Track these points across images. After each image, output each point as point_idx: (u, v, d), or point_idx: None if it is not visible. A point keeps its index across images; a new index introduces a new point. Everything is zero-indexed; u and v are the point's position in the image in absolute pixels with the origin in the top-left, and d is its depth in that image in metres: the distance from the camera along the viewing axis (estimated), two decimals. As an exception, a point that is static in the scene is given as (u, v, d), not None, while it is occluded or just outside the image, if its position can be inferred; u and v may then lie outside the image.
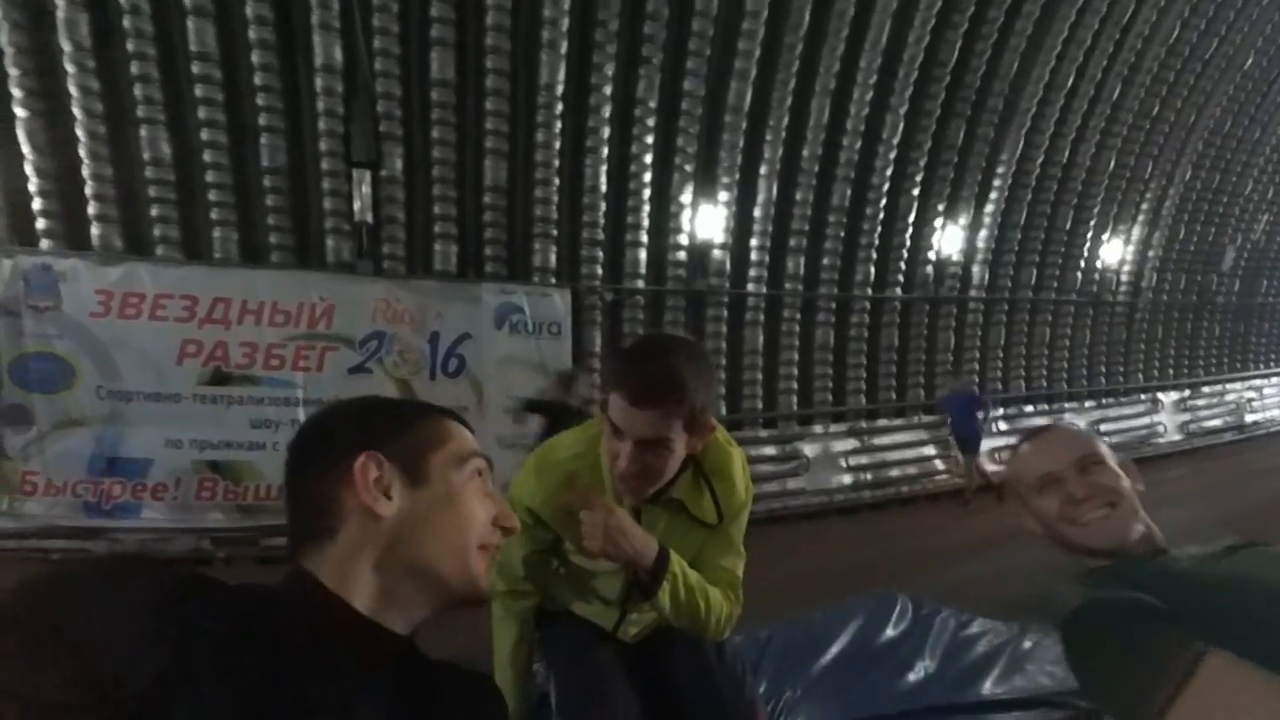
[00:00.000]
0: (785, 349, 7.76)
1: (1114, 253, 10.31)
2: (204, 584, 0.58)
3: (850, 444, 7.85)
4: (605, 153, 6.55)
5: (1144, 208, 10.41)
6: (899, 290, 8.44)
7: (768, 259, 7.52)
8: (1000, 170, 8.71)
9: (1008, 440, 8.99)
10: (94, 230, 5.37)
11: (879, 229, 8.09)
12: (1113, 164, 9.68)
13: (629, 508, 1.36)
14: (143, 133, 5.39)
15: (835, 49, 7.11)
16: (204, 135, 5.48)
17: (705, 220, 7.07)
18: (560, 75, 6.17)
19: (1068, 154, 9.20)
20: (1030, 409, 9.65)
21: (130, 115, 5.35)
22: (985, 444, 8.83)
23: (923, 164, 8.14)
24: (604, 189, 6.62)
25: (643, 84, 6.52)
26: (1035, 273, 9.52)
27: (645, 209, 6.84)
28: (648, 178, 6.78)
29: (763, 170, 7.26)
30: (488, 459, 0.77)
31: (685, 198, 6.98)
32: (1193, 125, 10.17)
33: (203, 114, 5.45)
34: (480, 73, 5.99)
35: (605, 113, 6.44)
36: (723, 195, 7.13)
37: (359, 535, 0.67)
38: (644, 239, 6.89)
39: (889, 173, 7.90)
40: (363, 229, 5.75)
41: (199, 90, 5.41)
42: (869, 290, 8.19)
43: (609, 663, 1.52)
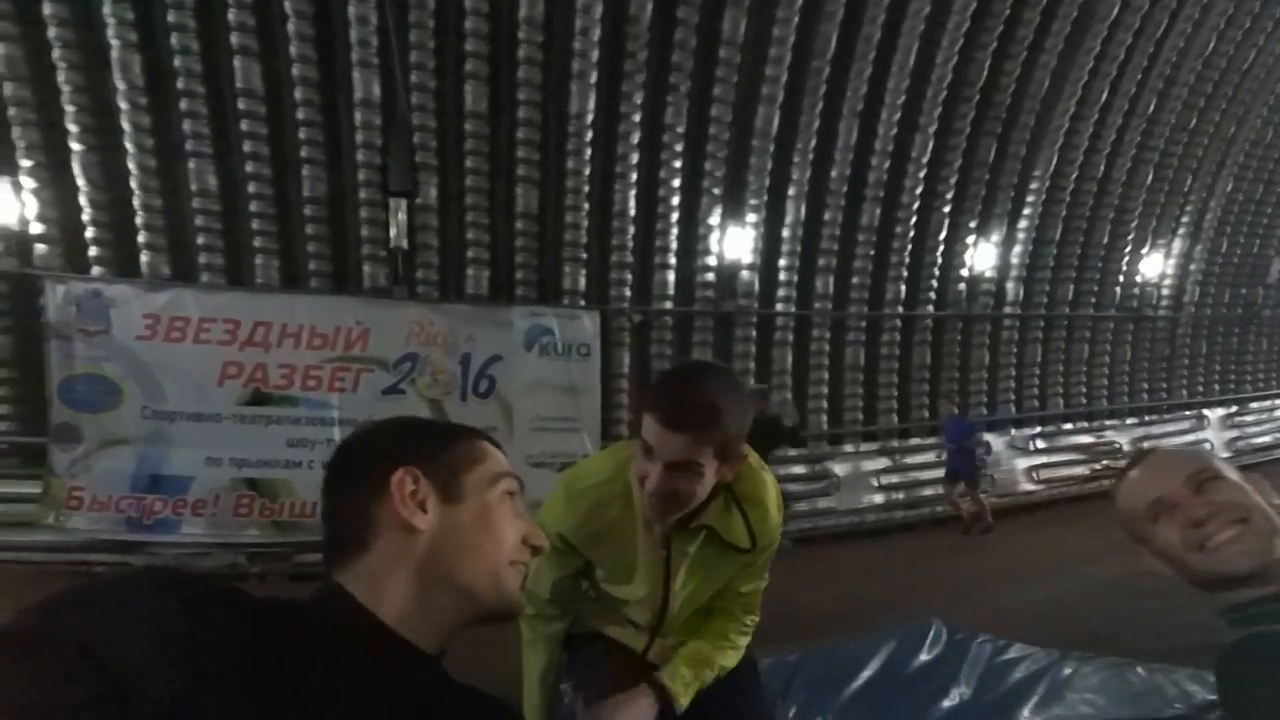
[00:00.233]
0: (815, 368, 7.72)
1: (1154, 267, 10.04)
2: (229, 597, 0.59)
3: (882, 463, 7.74)
4: (634, 178, 6.65)
5: (1184, 221, 10.14)
6: (931, 308, 8.34)
7: (796, 279, 7.51)
8: (1034, 186, 8.59)
9: (1046, 459, 8.79)
10: (143, 258, 5.63)
11: (909, 247, 8.03)
12: (1151, 177, 9.48)
13: (659, 534, 1.37)
14: (191, 165, 5.65)
15: (863, 72, 7.14)
16: (248, 167, 5.72)
17: (733, 242, 7.10)
18: (590, 104, 6.30)
19: (1103, 168, 9.04)
20: (1069, 426, 9.40)
21: (179, 149, 5.61)
22: (1022, 462, 8.67)
23: (953, 182, 8.07)
24: (633, 213, 6.72)
25: (671, 110, 6.62)
26: (1072, 288, 9.34)
27: (673, 232, 6.91)
28: (676, 201, 6.85)
29: (791, 191, 7.29)
30: (519, 479, 0.78)
31: (713, 220, 7.03)
32: (1233, 137, 9.92)
33: (248, 147, 5.70)
34: (512, 104, 6.16)
35: (634, 139, 6.55)
36: (751, 217, 7.16)
37: (393, 549, 0.68)
38: (672, 261, 6.95)
39: (919, 191, 7.85)
40: (398, 255, 5.91)
41: (244, 125, 5.66)
42: (900, 308, 8.11)
43: (636, 684, 1.52)
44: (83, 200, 5.48)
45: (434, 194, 6.11)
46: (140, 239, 5.61)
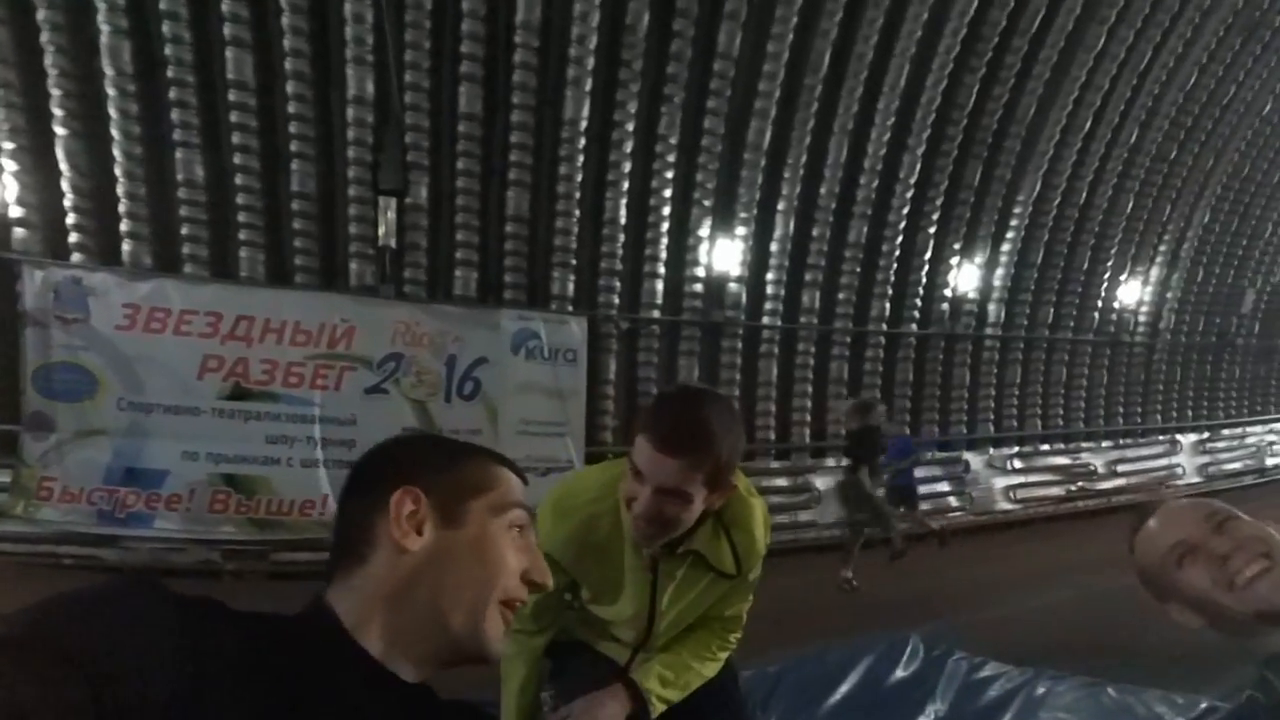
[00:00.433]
0: (799, 381, 7.78)
1: (1132, 293, 10.26)
2: (218, 608, 0.58)
3: (862, 478, 7.76)
4: (626, 186, 6.67)
5: (1162, 249, 10.38)
6: (914, 326, 8.44)
7: (784, 292, 7.58)
8: (1017, 210, 8.75)
9: (1024, 479, 8.91)
10: (125, 247, 5.54)
11: (895, 265, 8.14)
12: (1131, 205, 9.69)
13: (647, 556, 1.37)
14: (178, 155, 5.57)
15: (854, 91, 7.24)
16: (237, 160, 5.66)
17: (722, 253, 7.15)
18: (584, 111, 6.32)
19: (1085, 195, 9.23)
20: (1046, 447, 9.56)
21: (167, 139, 5.54)
22: (1000, 481, 8.77)
23: (939, 203, 8.20)
24: (623, 220, 6.74)
25: (665, 120, 6.67)
26: (1052, 312, 9.50)
27: (664, 241, 6.94)
28: (667, 210, 6.89)
29: (780, 206, 7.36)
30: (529, 511, 0.76)
31: (703, 230, 7.08)
32: (1211, 169, 10.18)
33: (237, 139, 5.64)
34: (507, 107, 6.16)
35: (627, 147, 6.58)
36: (740, 229, 7.21)
37: (384, 567, 0.66)
38: (661, 270, 6.98)
39: (906, 211, 7.97)
40: (386, 254, 5.87)
41: (235, 117, 5.61)
42: (884, 325, 8.20)
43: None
44: (65, 186, 5.39)
45: (425, 194, 6.08)
46: (123, 227, 5.52)
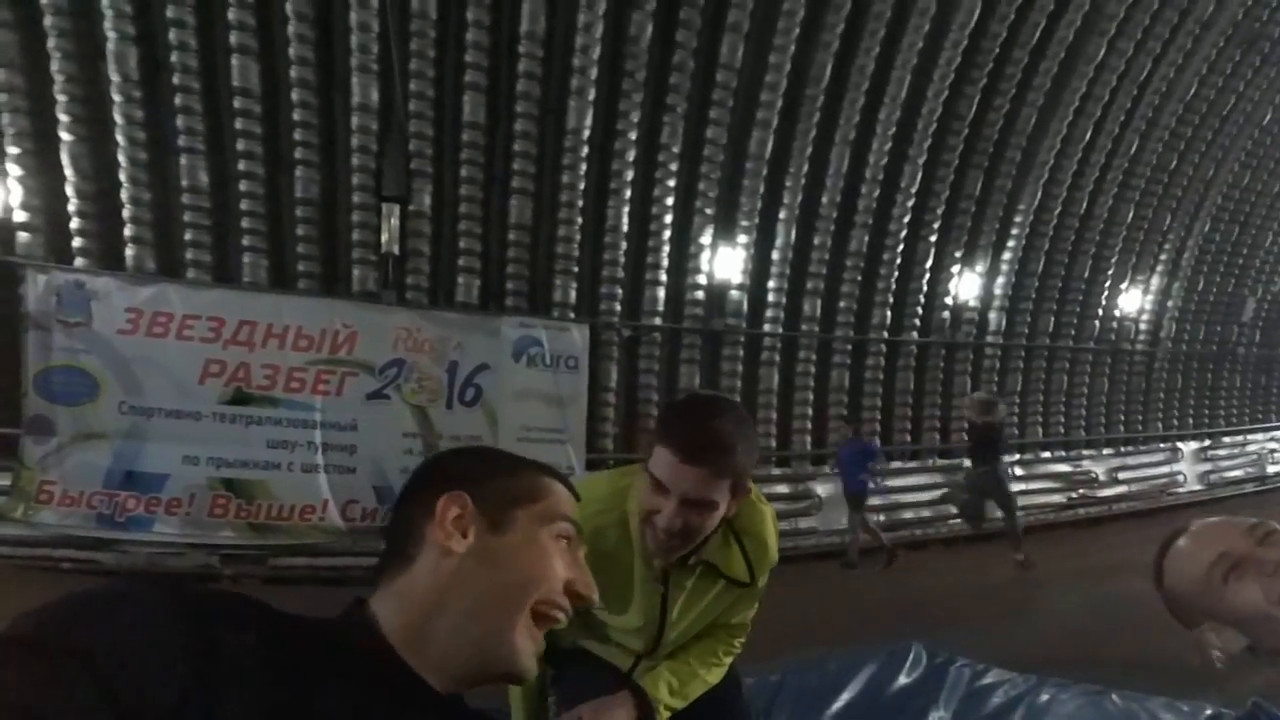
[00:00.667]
0: (800, 389, 7.77)
1: (1132, 302, 10.27)
2: (239, 608, 0.57)
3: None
4: (628, 194, 6.69)
5: (1163, 258, 10.40)
6: (915, 334, 8.45)
7: (785, 300, 7.58)
8: (1018, 219, 8.77)
9: (1024, 486, 8.87)
10: (128, 251, 5.55)
11: (896, 274, 8.15)
12: (1131, 215, 9.72)
13: (657, 568, 1.35)
14: (182, 161, 5.60)
15: (855, 101, 7.28)
16: (241, 165, 5.69)
17: (724, 261, 7.16)
18: (587, 120, 6.35)
19: (1086, 204, 9.26)
20: (1047, 455, 9.54)
21: (171, 144, 5.56)
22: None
23: (940, 212, 8.22)
24: (625, 228, 6.75)
25: (667, 130, 6.70)
26: (1053, 320, 9.51)
27: (665, 249, 6.96)
28: (669, 219, 6.91)
29: (782, 215, 7.37)
30: (578, 527, 0.75)
31: (705, 239, 7.09)
32: (1211, 179, 10.21)
33: (241, 145, 5.66)
34: (510, 116, 6.19)
35: (630, 156, 6.61)
36: (742, 238, 7.23)
37: (428, 569, 0.67)
38: (663, 278, 6.99)
39: (907, 220, 7.99)
40: (389, 260, 5.89)
41: (239, 123, 5.63)
42: (885, 333, 8.21)
43: None
44: (69, 190, 5.41)
45: (428, 201, 6.10)
46: (126, 231, 5.54)
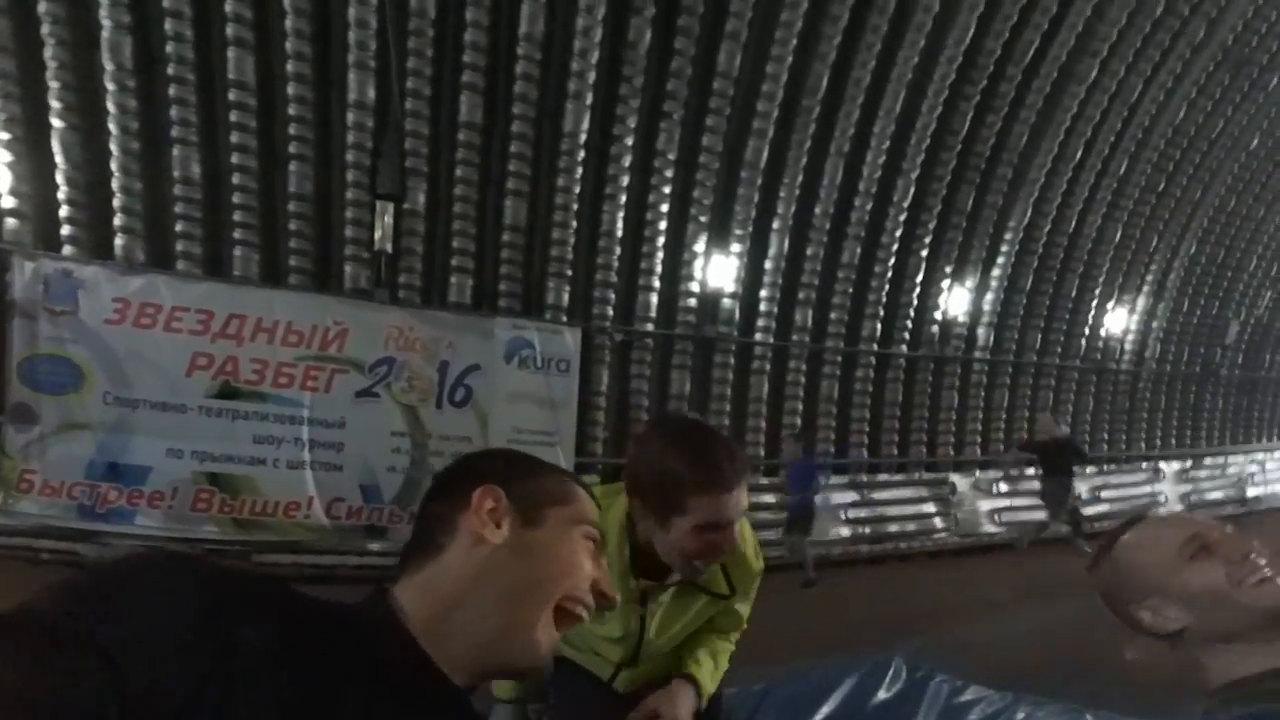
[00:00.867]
0: (790, 399, 7.81)
1: (1118, 322, 10.39)
2: (261, 593, 0.56)
3: (850, 496, 7.82)
4: (623, 199, 6.71)
5: (1149, 279, 10.53)
6: (904, 347, 8.51)
7: (777, 310, 7.62)
8: (1008, 236, 8.86)
9: (1009, 501, 8.95)
10: (118, 241, 5.50)
11: (887, 287, 8.21)
12: (1119, 235, 9.84)
13: (636, 589, 1.38)
14: (175, 152, 5.56)
15: (850, 114, 7.34)
16: (234, 159, 5.65)
17: (717, 269, 7.19)
18: (584, 124, 6.36)
19: (1075, 224, 9.36)
20: (1031, 472, 9.59)
21: (164, 135, 5.52)
22: (985, 504, 8.81)
23: (932, 226, 8.30)
24: (620, 233, 6.77)
25: (663, 137, 6.72)
26: (1040, 337, 9.60)
27: (659, 255, 6.98)
28: (663, 225, 6.93)
29: (775, 224, 7.42)
30: (603, 534, 0.78)
31: (699, 246, 7.12)
32: (1198, 201, 10.36)
33: (235, 138, 5.63)
34: (507, 118, 6.20)
35: (626, 162, 6.63)
36: (735, 246, 7.26)
37: (459, 558, 0.68)
38: (656, 284, 7.01)
39: (899, 233, 8.05)
40: (382, 258, 5.87)
41: (234, 116, 5.60)
42: (875, 346, 8.26)
43: (604, 710, 1.52)
44: (59, 178, 5.36)
45: (422, 199, 6.09)
46: (116, 221, 5.49)
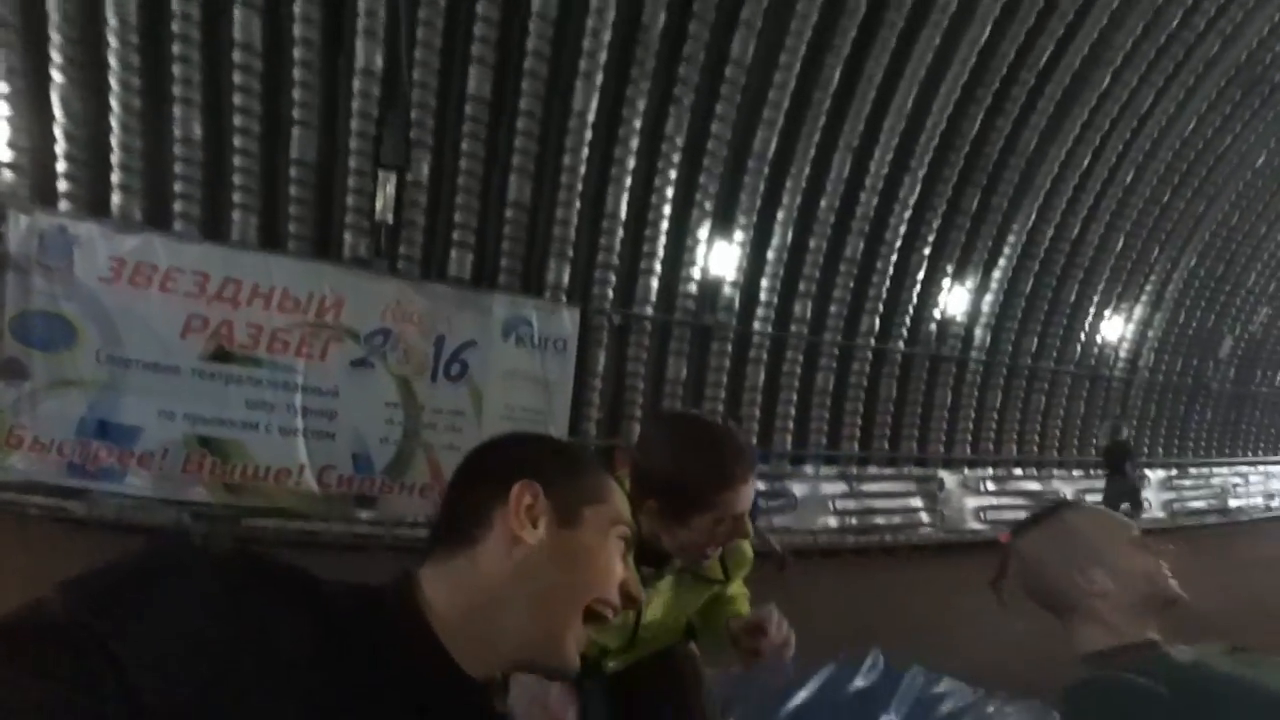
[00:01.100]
0: (785, 389, 7.83)
1: (1115, 330, 10.44)
2: (289, 586, 0.55)
3: (840, 488, 7.88)
4: (628, 182, 6.68)
5: (1148, 289, 10.57)
6: (902, 344, 8.53)
7: (776, 300, 7.62)
8: (1011, 239, 8.86)
9: (995, 500, 9.02)
10: (115, 199, 5.46)
11: (887, 283, 8.21)
12: (1121, 244, 9.86)
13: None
14: (176, 112, 5.49)
15: (861, 111, 7.30)
16: (237, 121, 5.59)
17: (719, 257, 7.18)
18: (593, 104, 6.31)
19: (1078, 230, 9.37)
20: (1019, 472, 9.69)
21: (166, 94, 5.45)
22: (972, 502, 8.88)
23: (936, 225, 8.29)
24: (623, 216, 6.74)
25: (672, 121, 6.68)
26: (1036, 341, 9.64)
27: (661, 239, 6.95)
28: (667, 210, 6.90)
29: (780, 215, 7.40)
30: (634, 533, 0.77)
31: (702, 233, 7.10)
32: (1202, 215, 10.37)
33: (238, 100, 5.57)
34: (516, 94, 6.14)
35: (633, 144, 6.59)
36: (738, 235, 7.24)
37: (494, 555, 0.67)
38: (657, 268, 6.99)
39: (902, 230, 8.04)
40: (382, 228, 5.84)
41: (238, 78, 5.53)
42: (872, 341, 8.28)
43: (589, 696, 1.54)
44: (58, 132, 5.30)
45: (425, 171, 6.04)
46: (114, 179, 5.44)
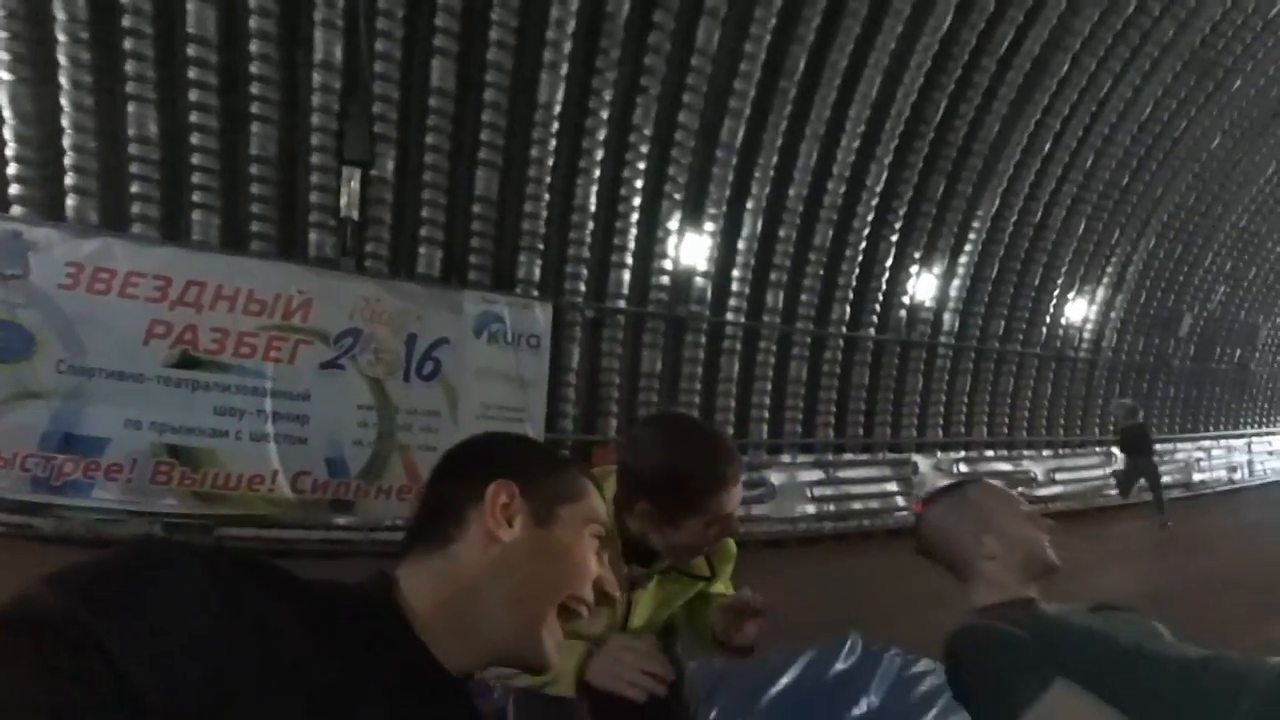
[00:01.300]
0: (759, 379, 7.89)
1: (1078, 311, 10.70)
2: (276, 580, 0.55)
3: (816, 475, 7.97)
4: (597, 174, 6.64)
5: (1109, 271, 10.83)
6: (872, 331, 8.64)
7: (748, 291, 7.66)
8: (976, 225, 9.01)
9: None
10: (69, 201, 5.26)
11: (857, 271, 8.30)
12: (1082, 228, 10.09)
13: (626, 577, 1.38)
14: (130, 109, 5.31)
15: (827, 98, 7.35)
16: (194, 118, 5.43)
17: (690, 248, 7.19)
18: (559, 95, 6.25)
19: (1040, 215, 9.56)
20: (991, 454, 9.89)
21: (119, 90, 5.28)
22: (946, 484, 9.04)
23: (903, 213, 8.40)
24: (593, 209, 6.70)
25: (639, 112, 6.65)
26: (1003, 324, 9.83)
27: (632, 231, 6.94)
28: (637, 201, 6.88)
29: (749, 205, 7.43)
30: (607, 528, 0.78)
31: (672, 224, 7.10)
32: (1160, 198, 10.65)
33: (194, 96, 5.40)
34: (480, 85, 6.05)
35: (600, 136, 6.55)
36: (709, 225, 7.26)
37: (470, 553, 0.68)
38: (629, 260, 6.98)
39: (870, 218, 8.13)
40: (348, 226, 5.73)
41: (193, 73, 5.37)
42: (844, 329, 8.37)
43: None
44: (7, 134, 5.10)
45: (390, 167, 5.94)
46: (68, 181, 5.25)
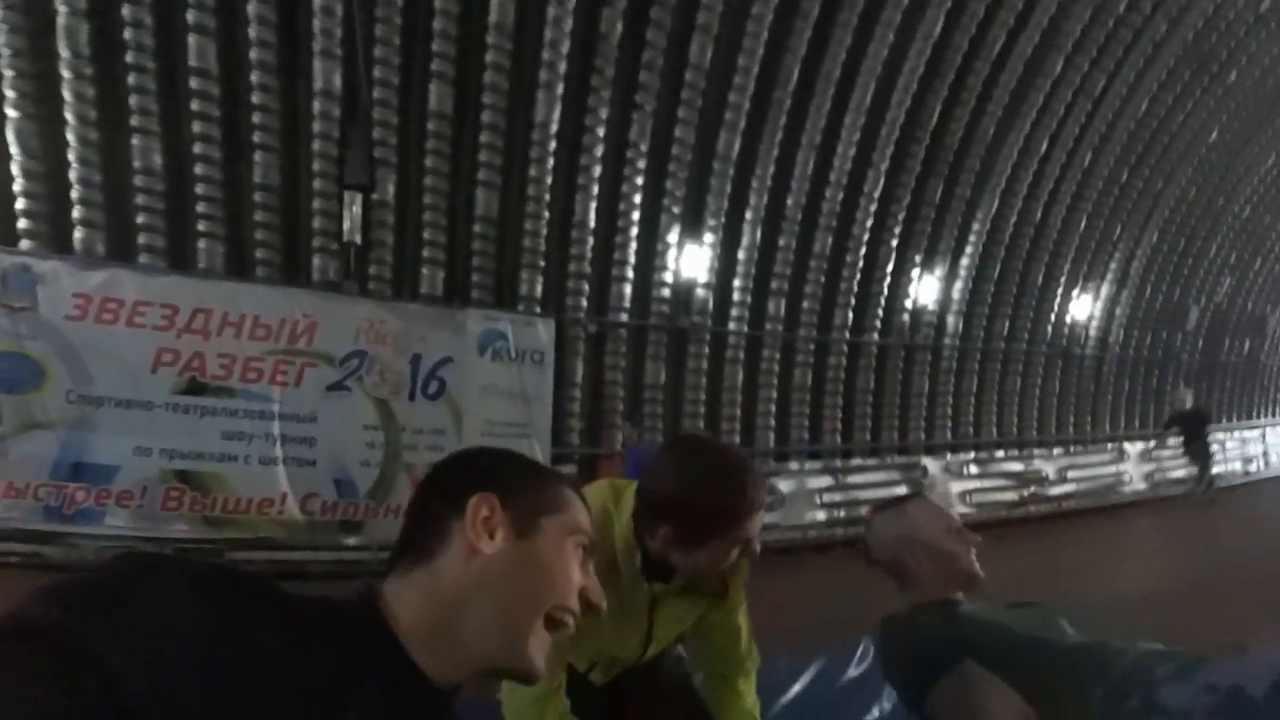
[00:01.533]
0: (764, 387, 7.88)
1: (1083, 309, 10.65)
2: (257, 592, 0.56)
3: (825, 481, 7.94)
4: (596, 190, 6.69)
5: (1113, 267, 10.80)
6: (876, 336, 8.63)
7: (750, 300, 7.68)
8: (976, 227, 9.01)
9: (979, 484, 9.14)
10: (77, 234, 5.34)
11: (858, 276, 8.31)
12: (1084, 225, 10.07)
13: (648, 593, 1.39)
14: (135, 141, 5.40)
15: (821, 107, 7.40)
16: (197, 149, 5.52)
17: (690, 259, 7.22)
18: (555, 114, 6.32)
19: (1041, 214, 9.55)
20: (1001, 454, 9.83)
21: (124, 124, 5.37)
22: (956, 486, 8.99)
23: (902, 217, 8.41)
24: (593, 224, 6.75)
25: (635, 128, 6.71)
26: (1008, 324, 9.80)
27: (632, 245, 6.98)
28: (636, 216, 6.93)
29: (748, 215, 7.46)
30: (594, 541, 0.78)
31: (672, 236, 7.13)
32: (1160, 192, 10.63)
33: (198, 128, 5.50)
34: (477, 108, 6.13)
35: (598, 152, 6.60)
36: (708, 236, 7.29)
37: (453, 566, 0.68)
38: (630, 274, 7.01)
39: (869, 224, 8.15)
40: (351, 250, 5.80)
41: (196, 105, 5.46)
42: (847, 334, 8.37)
43: (580, 701, 1.55)
44: (15, 169, 5.19)
45: (391, 190, 6.01)
46: (75, 214, 5.33)
